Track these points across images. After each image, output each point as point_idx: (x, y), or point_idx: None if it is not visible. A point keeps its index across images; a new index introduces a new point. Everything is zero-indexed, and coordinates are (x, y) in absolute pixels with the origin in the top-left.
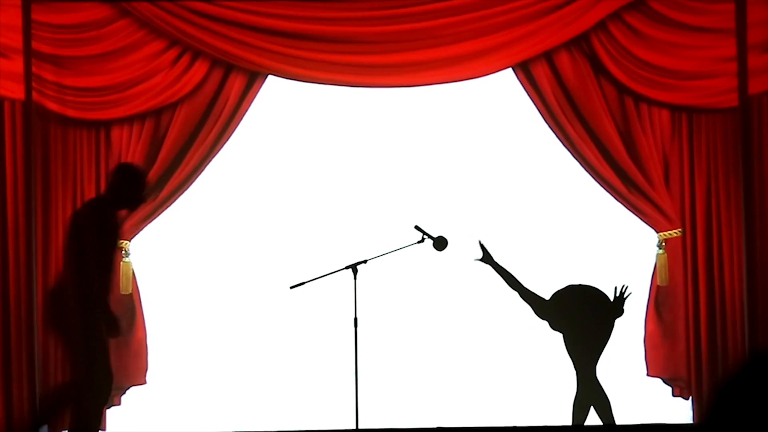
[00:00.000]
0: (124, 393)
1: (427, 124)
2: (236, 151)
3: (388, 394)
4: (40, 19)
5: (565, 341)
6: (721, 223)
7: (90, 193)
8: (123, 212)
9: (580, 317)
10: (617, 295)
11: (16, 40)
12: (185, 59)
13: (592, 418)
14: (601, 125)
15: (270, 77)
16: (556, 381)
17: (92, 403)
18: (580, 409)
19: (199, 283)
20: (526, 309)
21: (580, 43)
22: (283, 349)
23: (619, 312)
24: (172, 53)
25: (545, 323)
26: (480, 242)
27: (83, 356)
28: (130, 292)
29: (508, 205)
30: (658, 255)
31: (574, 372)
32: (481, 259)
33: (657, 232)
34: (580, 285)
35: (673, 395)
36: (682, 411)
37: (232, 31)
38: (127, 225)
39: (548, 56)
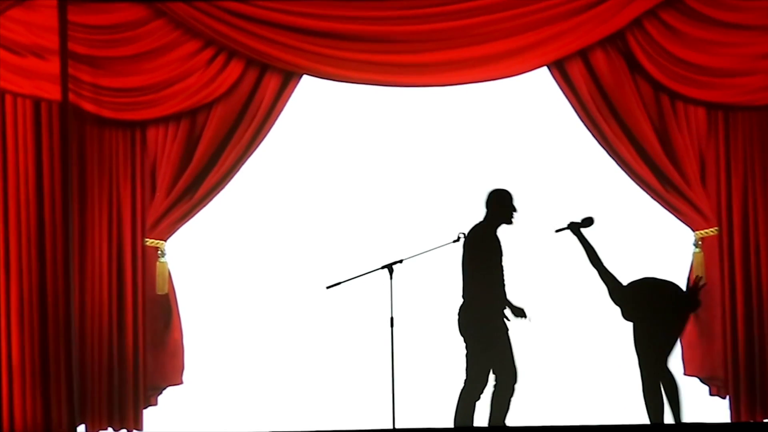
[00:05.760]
0: (161, 393)
1: (462, 123)
2: (271, 150)
3: (425, 394)
4: (76, 20)
5: (634, 332)
6: (758, 221)
7: (126, 193)
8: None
9: (656, 311)
10: (691, 286)
11: (53, 41)
12: (220, 59)
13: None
14: (637, 123)
15: (305, 77)
16: (593, 381)
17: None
18: (652, 400)
19: (235, 283)
20: (559, 311)
21: (616, 41)
22: (319, 349)
23: (695, 304)
24: (207, 53)
25: (575, 323)
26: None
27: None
28: (167, 292)
29: (545, 203)
30: (694, 254)
31: (638, 366)
32: (571, 229)
33: (693, 231)
34: (657, 278)
35: (710, 394)
36: (719, 410)
37: (267, 30)
38: (162, 225)
39: (583, 54)
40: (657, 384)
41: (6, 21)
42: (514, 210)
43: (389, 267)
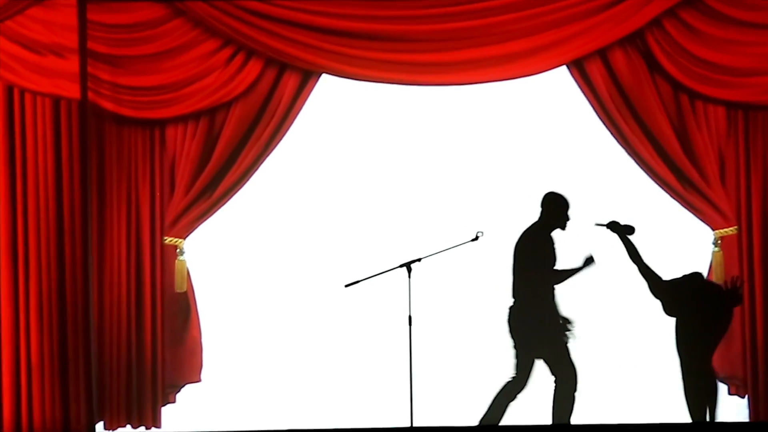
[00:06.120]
0: (179, 391)
1: (481, 122)
2: (290, 149)
3: (443, 392)
4: (96, 19)
5: (676, 329)
6: None
7: (145, 191)
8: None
9: (699, 306)
10: (730, 286)
11: (72, 40)
12: (239, 58)
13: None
14: (656, 122)
15: (323, 76)
16: (619, 380)
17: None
18: (695, 404)
19: (253, 282)
20: (577, 310)
21: (635, 40)
22: (337, 347)
23: (736, 301)
24: (226, 52)
25: (593, 323)
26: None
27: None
28: (185, 290)
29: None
30: (713, 253)
31: (680, 365)
32: (613, 228)
33: (713, 230)
34: (700, 275)
35: (729, 393)
36: (738, 409)
37: (286, 29)
38: (181, 223)
39: (602, 54)
40: (698, 380)
41: (25, 20)
42: (569, 218)
43: (407, 265)
